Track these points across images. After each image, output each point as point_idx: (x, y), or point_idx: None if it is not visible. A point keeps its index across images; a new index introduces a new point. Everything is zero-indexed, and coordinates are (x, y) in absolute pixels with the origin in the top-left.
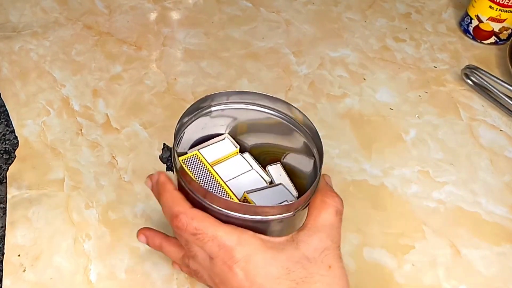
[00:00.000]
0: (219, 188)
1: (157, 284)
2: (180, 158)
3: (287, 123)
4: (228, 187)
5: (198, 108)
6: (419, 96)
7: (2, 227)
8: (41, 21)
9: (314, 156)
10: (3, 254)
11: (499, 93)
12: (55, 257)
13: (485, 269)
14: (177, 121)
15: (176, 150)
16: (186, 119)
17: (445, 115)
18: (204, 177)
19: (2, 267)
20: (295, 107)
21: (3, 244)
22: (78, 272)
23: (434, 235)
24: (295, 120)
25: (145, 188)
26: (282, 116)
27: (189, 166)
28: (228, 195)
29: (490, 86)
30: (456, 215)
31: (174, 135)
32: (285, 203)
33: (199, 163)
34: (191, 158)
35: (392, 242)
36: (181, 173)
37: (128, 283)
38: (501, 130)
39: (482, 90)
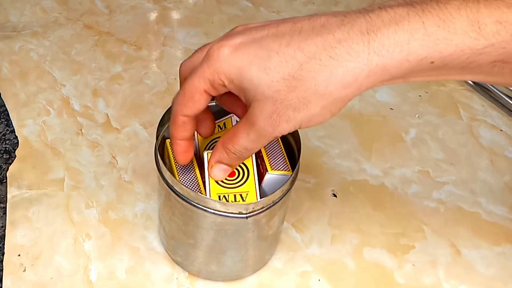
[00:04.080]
0: (193, 178)
1: (157, 284)
2: (169, 140)
3: None
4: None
5: None
6: (419, 96)
7: (2, 227)
8: (41, 21)
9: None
10: (3, 254)
11: (499, 93)
12: (55, 257)
13: (485, 269)
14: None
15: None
16: None
17: (445, 115)
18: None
19: (2, 267)
20: None
21: (3, 244)
22: (78, 272)
23: (434, 235)
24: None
25: (145, 188)
26: None
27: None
28: (199, 189)
29: (490, 86)
30: (456, 215)
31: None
32: (242, 203)
33: None
34: None
35: (392, 242)
36: (160, 151)
37: (128, 283)
38: (501, 130)
39: (482, 90)
